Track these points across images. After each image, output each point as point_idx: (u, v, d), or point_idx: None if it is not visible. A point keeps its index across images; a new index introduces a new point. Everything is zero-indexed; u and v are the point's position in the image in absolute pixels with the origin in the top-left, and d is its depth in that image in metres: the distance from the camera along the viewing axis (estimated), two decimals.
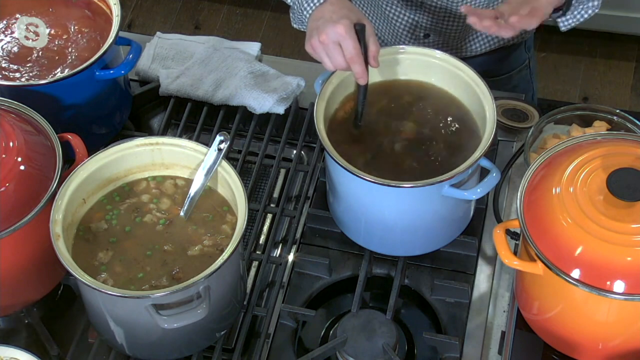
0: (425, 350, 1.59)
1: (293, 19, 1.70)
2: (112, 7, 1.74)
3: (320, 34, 1.53)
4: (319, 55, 1.55)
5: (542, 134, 1.74)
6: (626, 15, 3.21)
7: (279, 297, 1.65)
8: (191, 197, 1.55)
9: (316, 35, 1.53)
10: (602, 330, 1.44)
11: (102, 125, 1.82)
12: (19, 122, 1.56)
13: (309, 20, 1.58)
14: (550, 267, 1.37)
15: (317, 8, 1.58)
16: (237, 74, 1.85)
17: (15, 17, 1.79)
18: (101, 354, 1.58)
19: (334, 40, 1.52)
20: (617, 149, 1.43)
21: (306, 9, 1.60)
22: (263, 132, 1.84)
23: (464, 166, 1.51)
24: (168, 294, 1.39)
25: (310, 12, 1.59)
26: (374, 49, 1.54)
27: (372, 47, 1.54)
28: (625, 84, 3.30)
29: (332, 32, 1.52)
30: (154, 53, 1.93)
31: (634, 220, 1.35)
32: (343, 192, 1.61)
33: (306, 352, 1.57)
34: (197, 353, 1.55)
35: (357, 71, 1.54)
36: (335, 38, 1.52)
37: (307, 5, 1.60)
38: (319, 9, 1.57)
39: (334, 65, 1.55)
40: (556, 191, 1.40)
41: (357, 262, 1.68)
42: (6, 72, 1.72)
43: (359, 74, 1.54)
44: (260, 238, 1.74)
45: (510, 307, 1.61)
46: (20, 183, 1.49)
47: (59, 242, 1.44)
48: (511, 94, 1.88)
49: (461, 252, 1.68)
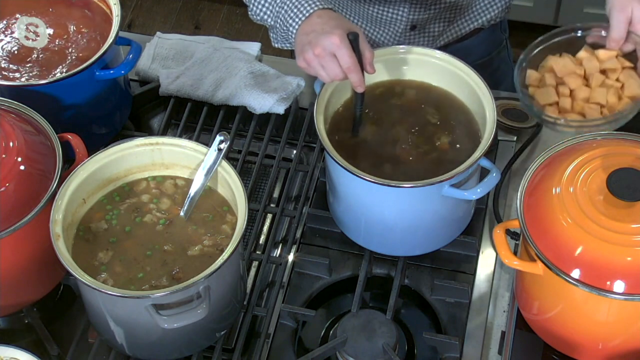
0: (425, 350, 1.59)
1: (275, 38, 1.68)
2: (112, 7, 1.74)
3: (315, 47, 1.51)
4: (314, 69, 1.53)
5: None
6: None
7: (279, 297, 1.65)
8: (191, 197, 1.55)
9: (310, 49, 1.52)
10: (602, 330, 1.44)
11: (102, 125, 1.82)
12: (19, 122, 1.56)
13: (297, 35, 1.56)
14: (550, 267, 1.37)
15: (303, 22, 1.56)
16: (237, 74, 1.84)
17: (15, 17, 1.79)
18: (101, 354, 1.58)
19: (330, 52, 1.51)
20: (617, 149, 1.43)
21: (292, 24, 1.58)
22: (263, 132, 1.83)
23: (464, 166, 1.51)
24: (168, 294, 1.39)
25: (297, 27, 1.57)
26: (369, 55, 1.53)
27: (367, 53, 1.53)
28: None
29: (327, 43, 1.50)
30: (154, 53, 1.93)
31: (634, 220, 1.35)
32: (343, 192, 1.61)
33: (306, 352, 1.57)
34: (197, 353, 1.55)
35: (355, 80, 1.53)
36: (330, 49, 1.50)
37: (292, 21, 1.58)
38: (307, 23, 1.55)
39: (330, 76, 1.53)
40: (556, 191, 1.40)
41: (357, 262, 1.68)
42: (6, 72, 1.71)
43: (357, 82, 1.54)
44: (260, 238, 1.74)
45: (510, 307, 1.61)
46: (20, 183, 1.49)
47: (59, 242, 1.44)
48: (511, 94, 1.88)
49: (461, 252, 1.68)
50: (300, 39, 1.55)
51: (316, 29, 1.53)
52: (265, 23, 1.68)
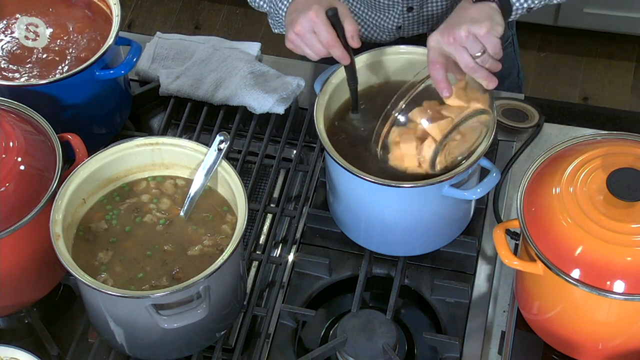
0: (425, 350, 1.59)
1: (273, 24, 1.70)
2: (112, 7, 1.74)
3: (295, 26, 1.52)
4: (299, 48, 1.55)
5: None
6: (626, 15, 3.21)
7: (279, 297, 1.65)
8: (191, 197, 1.55)
9: (291, 28, 1.53)
10: (602, 330, 1.44)
11: (102, 125, 1.82)
12: (19, 122, 1.56)
13: (285, 17, 1.58)
14: (550, 267, 1.37)
15: (290, 4, 1.58)
16: (237, 74, 1.84)
17: (15, 17, 1.79)
18: (101, 354, 1.58)
19: (308, 29, 1.51)
20: (617, 149, 1.43)
21: (281, 7, 1.60)
22: (263, 132, 1.83)
23: (464, 166, 1.51)
24: (168, 294, 1.39)
25: (285, 10, 1.59)
26: (350, 28, 1.53)
27: (348, 27, 1.52)
28: (625, 84, 3.30)
29: (304, 20, 1.51)
30: (154, 53, 1.93)
31: (634, 220, 1.35)
32: (343, 192, 1.61)
33: (306, 352, 1.57)
34: (197, 353, 1.55)
35: (337, 54, 1.53)
36: (308, 26, 1.51)
37: (281, 4, 1.60)
38: (292, 4, 1.57)
39: (315, 53, 1.54)
40: (556, 191, 1.40)
41: (357, 262, 1.68)
42: (6, 72, 1.71)
43: (339, 56, 1.54)
44: (260, 238, 1.74)
45: (510, 307, 1.61)
46: (20, 183, 1.49)
47: (59, 242, 1.44)
48: (511, 94, 1.88)
49: (461, 252, 1.68)
50: (286, 20, 1.57)
51: (298, 7, 1.54)
52: (262, 9, 1.70)
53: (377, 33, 1.87)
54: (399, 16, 1.84)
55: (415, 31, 1.87)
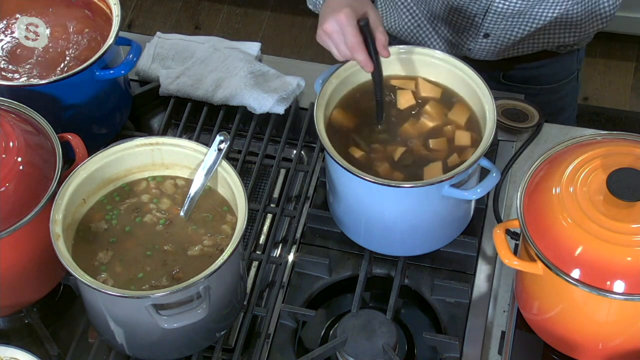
0: (425, 350, 1.59)
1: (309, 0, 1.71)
2: (112, 7, 1.74)
3: (324, 23, 1.53)
4: (327, 45, 1.56)
5: None
6: (626, 15, 3.21)
7: (279, 297, 1.65)
8: (191, 197, 1.55)
9: (321, 25, 1.54)
10: (602, 330, 1.44)
11: (102, 125, 1.82)
12: (19, 122, 1.56)
13: (322, 6, 1.59)
14: (550, 267, 1.37)
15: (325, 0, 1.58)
16: (237, 74, 1.85)
17: (15, 17, 1.79)
18: (101, 354, 1.58)
19: (337, 30, 1.52)
20: (617, 149, 1.43)
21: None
22: (263, 132, 1.84)
23: (464, 166, 1.51)
24: (168, 294, 1.39)
25: (322, 1, 1.60)
26: (380, 37, 1.53)
27: (380, 36, 1.53)
28: (625, 84, 3.30)
29: (333, 21, 1.52)
30: (154, 53, 1.93)
31: (634, 220, 1.35)
32: (343, 192, 1.61)
33: (306, 352, 1.57)
34: (197, 353, 1.55)
35: (360, 60, 1.54)
36: (337, 27, 1.52)
37: None
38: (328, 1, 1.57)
39: (340, 54, 1.55)
40: (556, 191, 1.40)
41: (357, 262, 1.68)
42: (6, 72, 1.72)
43: (362, 62, 1.54)
44: (260, 238, 1.74)
45: (510, 307, 1.61)
46: (20, 183, 1.49)
47: (59, 242, 1.44)
48: (511, 94, 1.88)
49: (461, 252, 1.68)
50: (321, 12, 1.58)
51: (332, 4, 1.55)
52: None
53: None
54: (473, 39, 1.86)
55: (483, 57, 1.89)
